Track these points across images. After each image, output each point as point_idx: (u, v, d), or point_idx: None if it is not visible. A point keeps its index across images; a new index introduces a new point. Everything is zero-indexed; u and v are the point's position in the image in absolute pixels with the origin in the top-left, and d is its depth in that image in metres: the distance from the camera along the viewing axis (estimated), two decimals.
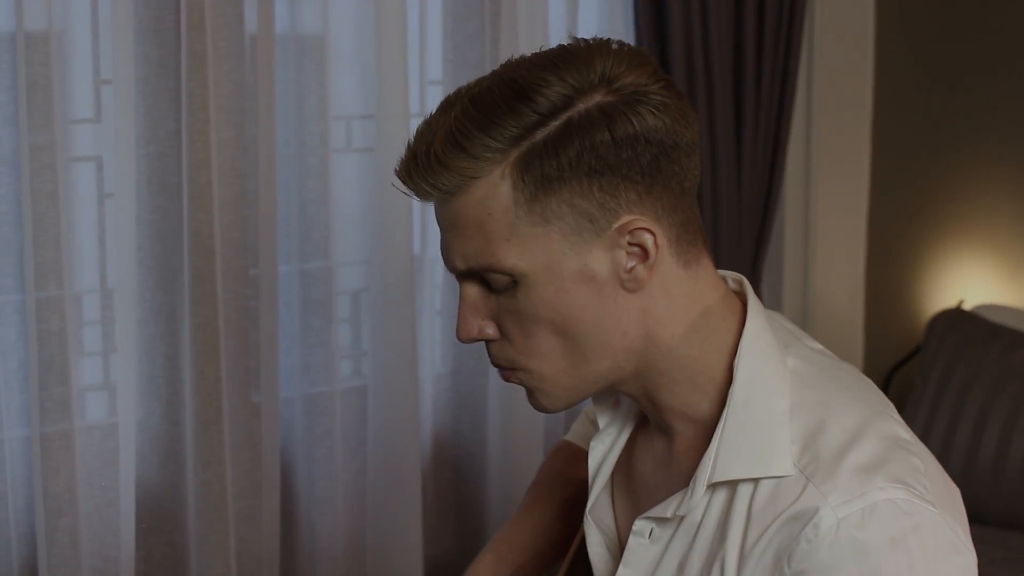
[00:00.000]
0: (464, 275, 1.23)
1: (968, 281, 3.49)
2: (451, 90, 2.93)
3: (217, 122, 2.44)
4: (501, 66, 1.22)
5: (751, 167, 3.26)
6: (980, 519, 2.98)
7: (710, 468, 1.22)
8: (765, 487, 1.19)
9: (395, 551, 2.77)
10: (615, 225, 1.18)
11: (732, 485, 1.22)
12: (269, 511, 2.60)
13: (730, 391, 1.22)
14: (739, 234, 3.27)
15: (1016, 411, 2.98)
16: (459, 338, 1.25)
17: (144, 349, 2.47)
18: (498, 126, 1.16)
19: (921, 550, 1.15)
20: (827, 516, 1.14)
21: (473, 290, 1.23)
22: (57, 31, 2.29)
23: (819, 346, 1.32)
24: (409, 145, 1.21)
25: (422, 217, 2.88)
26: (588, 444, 1.64)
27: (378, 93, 2.68)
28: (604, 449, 1.39)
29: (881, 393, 1.30)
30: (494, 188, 1.18)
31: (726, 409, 1.22)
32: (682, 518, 1.25)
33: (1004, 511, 2.96)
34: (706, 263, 1.25)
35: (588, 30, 3.08)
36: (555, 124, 1.17)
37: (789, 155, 3.45)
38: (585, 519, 1.39)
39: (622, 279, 1.20)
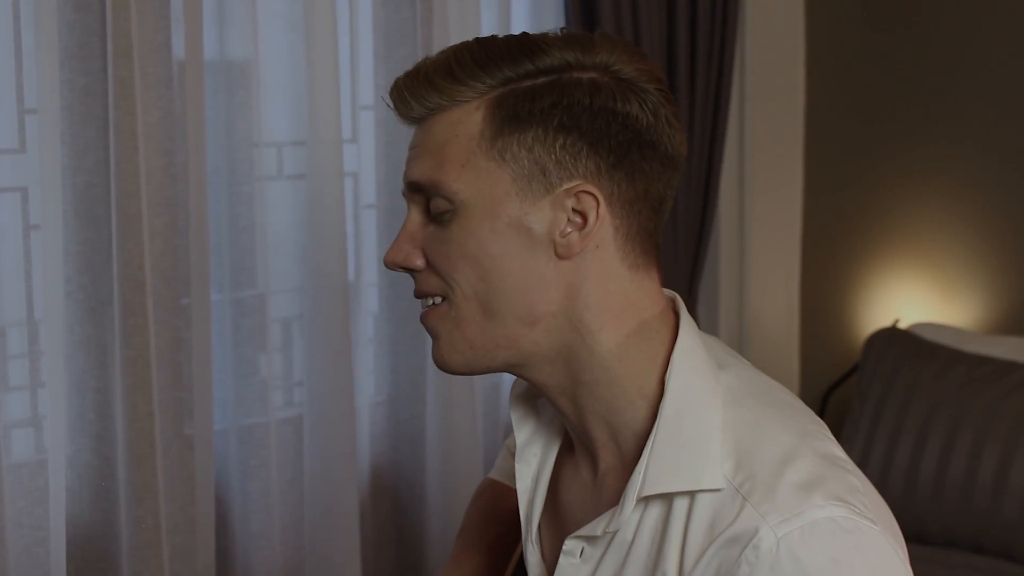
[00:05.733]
0: (413, 194, 1.26)
1: (903, 300, 3.51)
2: (383, 115, 2.96)
3: (146, 150, 2.40)
4: None
5: (685, 190, 3.26)
6: (920, 538, 2.98)
7: (640, 482, 1.21)
8: (701, 506, 1.18)
9: None
10: (565, 186, 1.21)
11: (666, 501, 1.20)
12: (204, 547, 2.56)
13: (661, 404, 1.22)
14: (674, 257, 3.27)
15: (954, 430, 2.99)
16: (385, 261, 1.28)
17: (73, 383, 2.41)
18: (493, 65, 1.22)
19: (865, 568, 1.14)
20: (766, 536, 1.13)
21: (416, 217, 1.27)
22: None
23: (756, 370, 1.31)
24: (407, 71, 1.27)
25: (356, 243, 2.85)
26: (510, 479, 1.64)
27: (309, 119, 2.65)
28: (532, 474, 1.37)
29: (814, 414, 1.29)
30: (467, 115, 1.22)
31: (657, 422, 1.21)
32: (613, 536, 1.23)
33: (944, 530, 2.97)
34: (653, 277, 1.26)
35: None
36: (543, 79, 1.22)
37: (722, 177, 3.45)
38: (525, 548, 1.36)
39: (555, 241, 1.21)
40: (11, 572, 2.31)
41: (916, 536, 2.97)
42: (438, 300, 1.26)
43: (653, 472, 1.20)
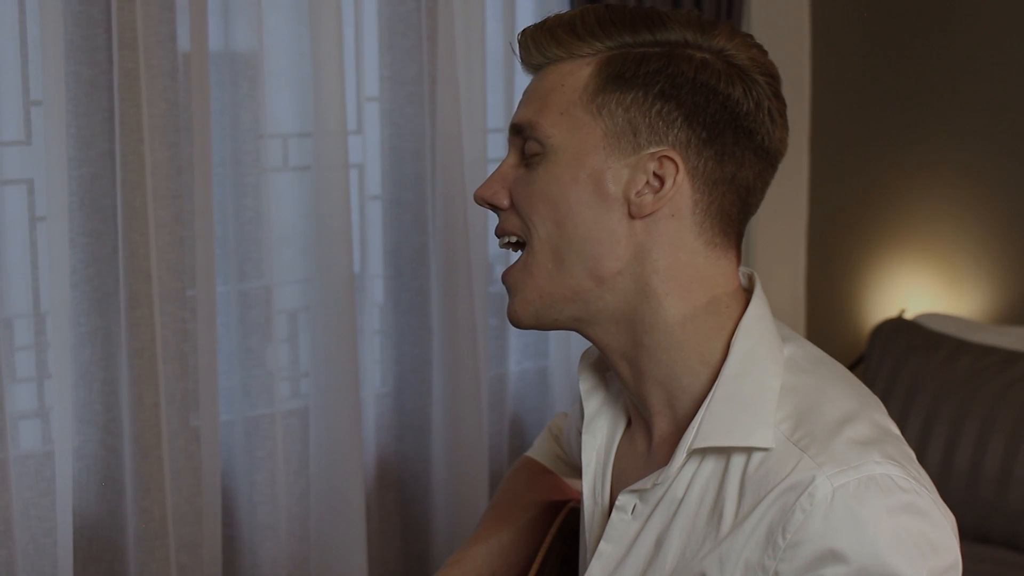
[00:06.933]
0: (514, 136, 1.31)
1: (909, 290, 3.51)
2: (388, 106, 2.96)
3: (151, 142, 2.40)
4: None
5: None
6: None
7: (692, 436, 1.23)
8: (756, 463, 1.20)
9: None
10: (651, 149, 1.24)
11: (722, 459, 1.22)
12: (210, 538, 2.56)
13: (724, 365, 1.24)
14: None
15: (960, 420, 2.99)
16: (474, 196, 1.33)
17: (80, 374, 2.42)
18: (614, 29, 1.27)
19: (917, 527, 1.15)
20: (822, 485, 1.15)
21: (511, 158, 1.32)
22: None
23: (817, 348, 1.34)
24: (537, 22, 1.33)
25: (361, 235, 2.85)
26: (549, 461, 1.66)
27: (314, 110, 2.64)
28: (597, 446, 1.39)
29: (872, 393, 1.31)
30: (579, 69, 1.27)
31: (717, 381, 1.24)
32: (663, 494, 1.25)
33: None
34: (731, 258, 1.29)
35: None
36: (656, 49, 1.26)
37: None
38: (591, 520, 1.37)
39: (630, 200, 1.25)
40: (18, 563, 2.32)
41: None
42: (512, 239, 1.30)
43: (706, 427, 1.22)
